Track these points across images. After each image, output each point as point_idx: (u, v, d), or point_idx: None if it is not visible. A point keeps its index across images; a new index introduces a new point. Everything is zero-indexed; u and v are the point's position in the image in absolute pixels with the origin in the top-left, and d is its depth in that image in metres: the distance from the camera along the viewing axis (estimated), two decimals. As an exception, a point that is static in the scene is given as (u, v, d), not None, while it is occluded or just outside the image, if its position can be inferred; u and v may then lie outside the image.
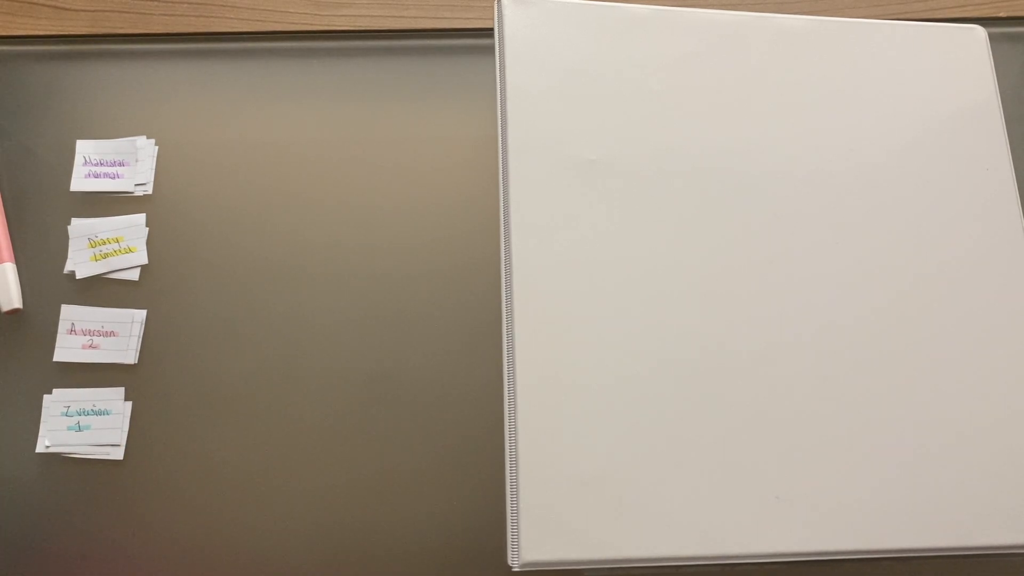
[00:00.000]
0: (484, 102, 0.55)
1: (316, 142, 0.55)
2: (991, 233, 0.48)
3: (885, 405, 0.44)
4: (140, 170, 0.54)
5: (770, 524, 0.41)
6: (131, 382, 0.49)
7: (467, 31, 0.59)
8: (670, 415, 0.43)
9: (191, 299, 0.51)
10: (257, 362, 0.50)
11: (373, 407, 0.49)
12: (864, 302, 0.46)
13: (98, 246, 0.52)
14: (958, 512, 0.43)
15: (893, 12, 0.60)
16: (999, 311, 0.47)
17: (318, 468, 0.48)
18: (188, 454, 0.48)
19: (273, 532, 0.46)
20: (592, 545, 0.40)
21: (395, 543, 0.47)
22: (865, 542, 0.42)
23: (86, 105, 0.56)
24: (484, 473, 0.47)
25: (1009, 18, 0.61)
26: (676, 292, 0.45)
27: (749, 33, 0.51)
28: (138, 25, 0.57)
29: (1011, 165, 0.50)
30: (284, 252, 0.52)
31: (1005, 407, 0.45)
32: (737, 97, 0.49)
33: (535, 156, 0.46)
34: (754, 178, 0.48)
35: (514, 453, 0.41)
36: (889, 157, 0.49)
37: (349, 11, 0.59)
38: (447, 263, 0.52)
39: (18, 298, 0.50)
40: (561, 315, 0.44)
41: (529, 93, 0.47)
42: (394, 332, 0.51)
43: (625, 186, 0.46)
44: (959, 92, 0.51)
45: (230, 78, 0.57)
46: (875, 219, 0.48)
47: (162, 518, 0.47)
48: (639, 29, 0.50)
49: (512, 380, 0.42)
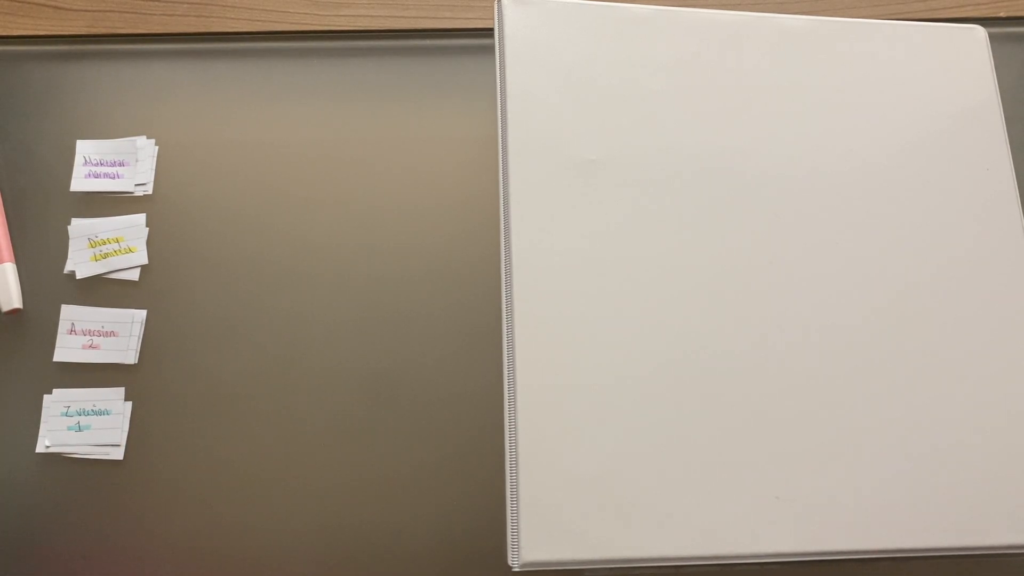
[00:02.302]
0: (484, 102, 0.55)
1: (316, 142, 0.55)
2: (991, 233, 0.48)
3: (885, 405, 0.44)
4: (140, 170, 0.54)
5: (770, 524, 0.41)
6: (131, 382, 0.49)
7: (467, 31, 0.59)
8: (670, 415, 0.43)
9: (191, 299, 0.51)
10: (257, 362, 0.50)
11: (373, 407, 0.49)
12: (864, 302, 0.46)
13: (98, 246, 0.51)
14: (958, 512, 0.43)
15: (893, 12, 0.60)
16: (999, 311, 0.47)
17: (318, 468, 0.48)
18: (188, 454, 0.48)
19: (273, 532, 0.46)
20: (592, 545, 0.40)
21: (395, 543, 0.47)
22: (865, 542, 0.42)
23: (86, 105, 0.56)
24: (484, 473, 0.47)
25: (1009, 18, 0.61)
26: (676, 292, 0.45)
27: (749, 33, 0.51)
28: (137, 25, 0.57)
29: (1011, 165, 0.50)
30: (284, 252, 0.52)
31: (1005, 407, 0.45)
32: (737, 97, 0.49)
33: (535, 156, 0.46)
34: (754, 178, 0.48)
35: (514, 453, 0.41)
36: (889, 157, 0.49)
37: (349, 11, 0.59)
38: (447, 263, 0.52)
39: (18, 298, 0.50)
40: (561, 315, 0.44)
41: (529, 93, 0.47)
42: (394, 332, 0.51)
43: (625, 186, 0.46)
44: (959, 92, 0.51)
45: (230, 78, 0.57)
46: (875, 219, 0.48)
47: (162, 518, 0.47)
48: (639, 29, 0.50)
49: (512, 380, 0.42)
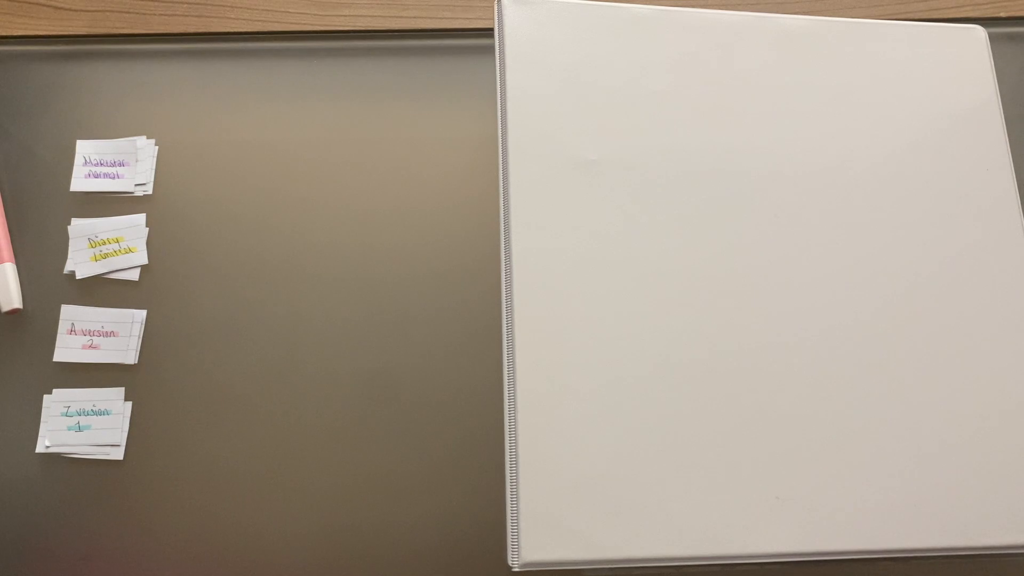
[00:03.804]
0: (484, 102, 0.55)
1: (316, 142, 0.55)
2: (991, 233, 0.48)
3: (885, 405, 0.44)
4: (140, 170, 0.54)
5: (770, 524, 0.41)
6: (131, 382, 0.49)
7: (467, 31, 0.59)
8: (670, 415, 0.43)
9: (191, 299, 0.51)
10: (257, 362, 0.50)
11: (373, 407, 0.49)
12: (864, 302, 0.46)
13: (98, 246, 0.51)
14: (958, 512, 0.43)
15: (893, 12, 0.60)
16: (999, 311, 0.47)
17: (318, 468, 0.48)
18: (188, 454, 0.48)
19: (273, 532, 0.46)
20: (592, 545, 0.40)
21: (395, 543, 0.47)
22: (865, 542, 0.42)
23: (86, 105, 0.56)
24: (484, 473, 0.47)
25: (1009, 18, 0.61)
26: (676, 292, 0.45)
27: (749, 33, 0.51)
28: (137, 25, 0.57)
29: (1011, 165, 0.50)
30: (284, 252, 0.52)
31: (1005, 407, 0.45)
32: (737, 97, 0.49)
33: (535, 156, 0.46)
34: (753, 178, 0.48)
35: (514, 453, 0.41)
36: (889, 157, 0.49)
37: (349, 11, 0.59)
38: (447, 263, 0.52)
39: (18, 298, 0.50)
40: (561, 315, 0.44)
41: (529, 93, 0.47)
42: (394, 332, 0.51)
43: (625, 186, 0.46)
44: (959, 92, 0.51)
45: (230, 78, 0.57)
46: (875, 219, 0.48)
47: (162, 518, 0.47)
48: (639, 29, 0.50)
49: (512, 380, 0.42)
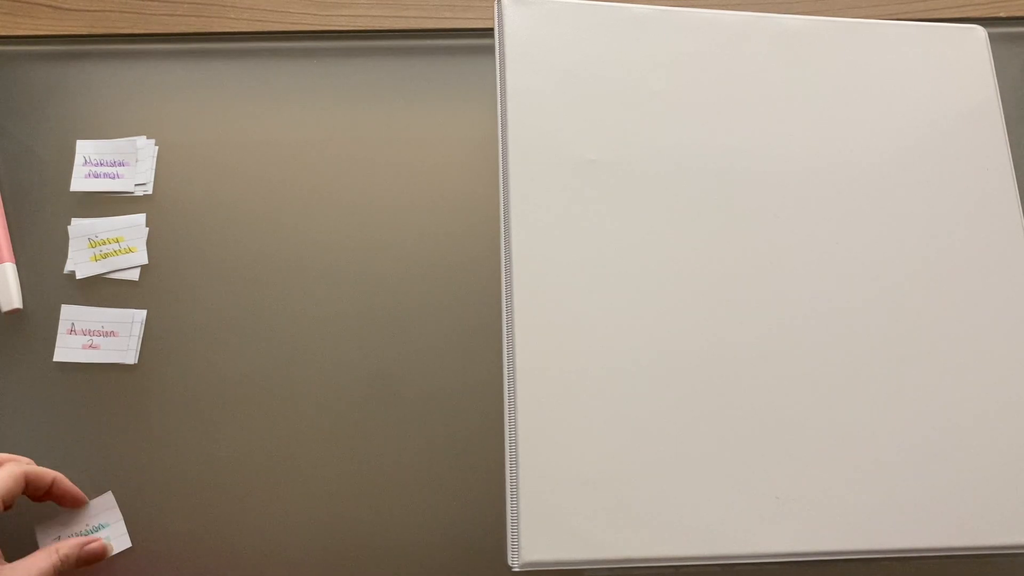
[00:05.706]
0: (484, 102, 0.55)
1: (316, 142, 0.55)
2: (991, 233, 0.48)
3: (885, 405, 0.44)
4: (140, 170, 0.54)
5: (770, 524, 0.41)
6: (131, 382, 0.49)
7: (467, 31, 0.59)
8: (670, 415, 0.43)
9: (191, 299, 0.51)
10: (257, 362, 0.50)
11: (373, 406, 0.49)
12: (864, 302, 0.46)
13: (98, 246, 0.51)
14: (958, 512, 0.43)
15: (893, 12, 0.60)
16: (999, 311, 0.47)
17: (318, 467, 0.48)
18: (188, 454, 0.48)
19: (273, 531, 0.46)
20: (592, 545, 0.40)
21: (395, 542, 0.47)
22: (865, 542, 0.42)
23: (86, 105, 0.56)
24: (484, 473, 0.47)
25: (1009, 18, 0.61)
26: (676, 292, 0.45)
27: (750, 33, 0.51)
28: (138, 25, 0.58)
29: (1011, 165, 0.50)
30: (284, 252, 0.52)
31: (1005, 407, 0.45)
32: (737, 97, 0.49)
33: (535, 156, 0.46)
34: (754, 177, 0.48)
35: (514, 453, 0.41)
36: (889, 157, 0.49)
37: (349, 11, 0.59)
38: (447, 263, 0.52)
39: (18, 298, 0.50)
40: (561, 314, 0.44)
41: (529, 93, 0.47)
42: (395, 332, 0.50)
43: (625, 186, 0.46)
44: (959, 92, 0.51)
45: (230, 78, 0.57)
46: (875, 219, 0.48)
47: (162, 521, 0.47)
48: (639, 29, 0.50)
49: (512, 380, 0.42)
